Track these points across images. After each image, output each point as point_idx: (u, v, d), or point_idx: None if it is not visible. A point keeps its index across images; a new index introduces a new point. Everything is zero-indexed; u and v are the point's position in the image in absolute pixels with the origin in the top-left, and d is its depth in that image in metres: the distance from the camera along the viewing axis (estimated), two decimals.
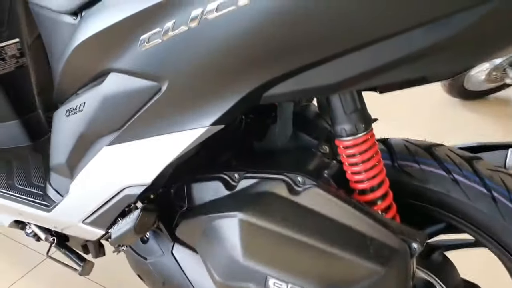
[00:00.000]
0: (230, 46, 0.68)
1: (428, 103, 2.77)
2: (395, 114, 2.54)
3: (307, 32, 0.64)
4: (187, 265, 0.96)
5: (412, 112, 2.65)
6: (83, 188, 0.97)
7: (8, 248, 1.70)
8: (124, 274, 1.32)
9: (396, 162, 0.89)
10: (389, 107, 2.61)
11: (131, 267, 1.04)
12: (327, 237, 0.74)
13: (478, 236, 0.87)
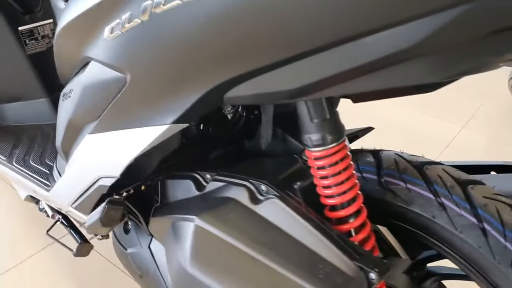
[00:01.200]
0: (180, 43, 0.64)
1: (494, 109, 2.55)
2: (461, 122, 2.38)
3: (257, 32, 0.59)
4: (162, 261, 0.94)
5: (480, 121, 2.46)
6: (71, 173, 0.98)
7: (34, 219, 1.78)
8: None
9: (383, 178, 0.81)
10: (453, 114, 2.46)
11: (116, 254, 1.05)
12: (277, 254, 0.69)
13: (466, 269, 0.77)
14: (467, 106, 2.54)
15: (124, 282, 1.54)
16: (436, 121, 2.41)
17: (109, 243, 1.10)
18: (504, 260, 0.71)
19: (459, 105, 2.53)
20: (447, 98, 2.58)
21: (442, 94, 2.71)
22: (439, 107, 2.51)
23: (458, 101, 2.56)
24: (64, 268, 1.60)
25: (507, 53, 0.51)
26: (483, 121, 2.44)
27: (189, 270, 0.73)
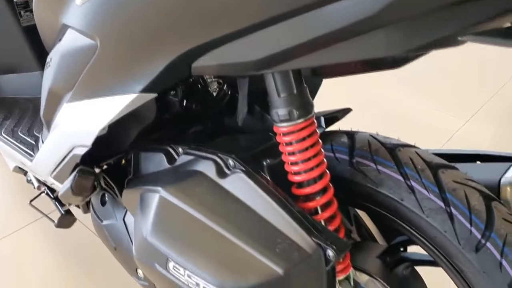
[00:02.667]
0: (144, 10, 0.64)
1: (501, 106, 2.50)
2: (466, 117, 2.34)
3: (217, 0, 0.58)
4: None
5: (485, 117, 2.41)
6: (50, 143, 0.99)
7: (23, 194, 1.79)
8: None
9: (354, 158, 0.79)
10: (458, 107, 2.42)
11: (93, 226, 1.05)
12: (236, 226, 0.68)
13: (433, 254, 0.76)
14: (473, 101, 2.49)
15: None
16: (439, 114, 2.37)
17: None
18: (468, 246, 0.70)
19: (464, 100, 2.49)
20: (453, 92, 2.54)
21: (447, 87, 2.68)
22: (444, 100, 2.48)
23: (464, 95, 2.52)
24: (52, 242, 1.62)
25: (465, 27, 0.50)
26: (488, 117, 2.40)
27: (149, 239, 0.73)
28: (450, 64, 2.77)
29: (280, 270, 0.64)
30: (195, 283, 0.68)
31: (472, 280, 0.72)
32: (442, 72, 2.69)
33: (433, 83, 2.62)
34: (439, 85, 2.61)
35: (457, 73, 2.69)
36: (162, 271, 0.72)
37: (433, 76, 2.66)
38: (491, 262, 0.69)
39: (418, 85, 2.58)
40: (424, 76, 2.64)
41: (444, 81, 2.64)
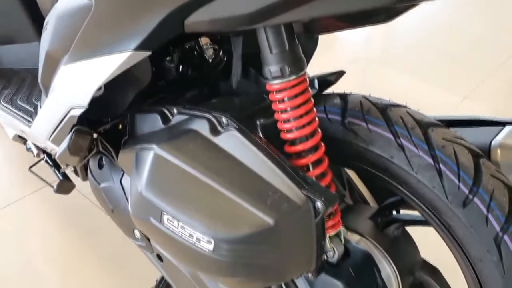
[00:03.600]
0: None
1: (500, 81, 2.50)
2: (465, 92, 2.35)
3: None
4: None
5: (484, 92, 2.41)
6: (48, 106, 1.00)
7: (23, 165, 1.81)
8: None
9: (346, 119, 0.81)
10: (458, 82, 2.42)
11: (91, 189, 1.07)
12: (228, 180, 0.70)
13: (421, 211, 0.77)
14: (471, 78, 2.49)
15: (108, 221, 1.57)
16: (436, 90, 2.38)
17: None
18: (456, 201, 0.71)
19: (462, 77, 2.49)
20: (450, 70, 2.54)
21: (445, 66, 2.67)
22: (441, 78, 2.48)
23: (462, 73, 2.52)
24: (52, 212, 1.65)
25: None
26: (487, 93, 2.40)
27: (144, 193, 0.74)
28: (446, 45, 2.77)
29: (270, 220, 0.66)
30: (188, 234, 0.70)
31: (459, 235, 0.73)
32: (438, 52, 2.69)
33: (429, 62, 2.62)
34: (435, 64, 2.61)
35: (453, 53, 2.68)
36: (157, 225, 0.74)
37: (429, 56, 2.67)
38: (478, 216, 0.70)
39: (413, 64, 2.58)
40: (420, 56, 2.65)
41: (440, 60, 2.64)
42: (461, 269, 0.78)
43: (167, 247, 0.79)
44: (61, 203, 1.68)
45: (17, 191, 1.71)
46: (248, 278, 0.71)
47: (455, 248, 0.76)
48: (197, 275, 0.87)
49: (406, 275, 0.90)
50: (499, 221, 0.70)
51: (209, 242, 0.68)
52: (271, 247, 0.68)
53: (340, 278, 0.80)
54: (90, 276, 1.43)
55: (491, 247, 0.70)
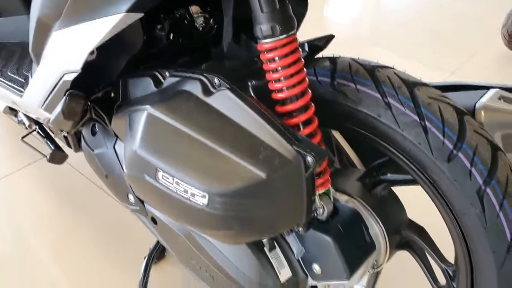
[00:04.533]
0: None
1: (485, 58, 2.54)
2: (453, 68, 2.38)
3: None
4: None
5: (471, 68, 2.45)
6: (40, 74, 1.00)
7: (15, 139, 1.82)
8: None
9: (335, 80, 0.83)
10: (446, 59, 2.45)
11: (84, 157, 1.09)
12: (221, 138, 0.72)
13: (407, 167, 0.80)
14: (459, 54, 2.52)
15: (101, 196, 1.59)
16: (425, 67, 2.40)
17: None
18: (440, 156, 0.74)
19: (451, 53, 2.52)
20: (440, 46, 2.57)
21: (435, 43, 2.68)
22: (429, 54, 2.51)
23: (451, 49, 2.55)
24: (45, 186, 1.65)
25: None
26: (474, 70, 2.43)
27: (138, 152, 0.76)
28: (436, 22, 2.79)
29: (262, 174, 0.68)
30: (183, 189, 0.72)
31: (444, 189, 0.76)
32: (427, 30, 2.71)
33: (418, 40, 2.65)
34: (424, 41, 2.64)
35: (442, 30, 2.71)
36: (152, 182, 0.76)
37: (419, 34, 2.69)
38: (462, 170, 0.73)
39: (402, 42, 2.60)
40: (409, 34, 2.67)
41: (429, 38, 2.67)
42: (446, 224, 0.81)
43: (162, 205, 0.81)
44: (53, 178, 1.69)
45: (8, 165, 1.72)
46: (241, 231, 0.74)
47: (440, 204, 0.79)
48: (191, 235, 0.89)
49: (393, 234, 0.93)
50: (482, 174, 0.73)
51: (204, 196, 0.70)
52: (263, 200, 0.70)
53: (329, 234, 0.82)
54: (83, 248, 1.45)
55: (474, 200, 0.73)
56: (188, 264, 0.95)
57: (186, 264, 0.96)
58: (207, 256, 0.88)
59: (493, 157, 0.74)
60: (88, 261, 1.41)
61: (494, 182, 0.73)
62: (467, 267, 0.82)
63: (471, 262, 0.80)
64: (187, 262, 0.95)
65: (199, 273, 0.94)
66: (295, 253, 0.86)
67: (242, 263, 0.85)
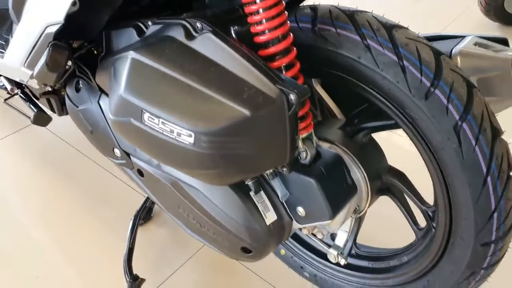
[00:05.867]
0: None
1: (463, 25, 2.57)
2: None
3: None
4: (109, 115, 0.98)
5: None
6: (22, 30, 1.00)
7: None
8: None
9: (316, 26, 0.84)
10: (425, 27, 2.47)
11: (69, 114, 1.09)
12: (205, 79, 0.73)
13: (388, 110, 0.82)
14: (438, 21, 2.55)
15: (86, 164, 1.60)
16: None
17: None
18: (418, 94, 0.76)
19: (429, 22, 2.55)
20: (419, 13, 2.59)
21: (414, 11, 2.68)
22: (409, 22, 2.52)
23: (428, 17, 2.58)
24: (30, 155, 1.65)
25: None
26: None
27: (123, 95, 0.77)
28: None
29: (246, 111, 0.70)
30: (169, 130, 0.73)
31: (422, 127, 0.79)
32: None
33: (397, 6, 2.66)
34: (403, 8, 2.66)
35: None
36: (138, 125, 0.77)
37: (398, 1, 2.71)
38: (439, 107, 0.76)
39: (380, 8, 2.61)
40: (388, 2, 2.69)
41: (408, 5, 2.69)
42: (425, 163, 0.84)
43: (148, 149, 0.82)
44: (39, 147, 1.68)
45: None
46: (226, 170, 0.76)
47: (419, 142, 0.82)
48: (178, 184, 0.91)
49: (374, 179, 0.96)
50: (458, 110, 0.76)
51: (190, 135, 0.72)
52: (247, 138, 0.72)
53: (312, 176, 0.85)
54: (69, 213, 1.46)
55: (451, 135, 0.76)
56: (175, 213, 0.97)
57: (173, 214, 0.98)
58: (194, 203, 0.90)
59: (469, 94, 0.77)
60: (74, 224, 1.42)
61: (470, 117, 0.76)
62: (445, 205, 0.85)
63: (449, 199, 0.83)
64: (174, 211, 0.97)
65: (186, 222, 0.96)
66: (280, 196, 0.89)
67: (229, 207, 0.87)
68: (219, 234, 0.91)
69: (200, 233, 0.95)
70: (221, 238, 0.91)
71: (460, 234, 0.84)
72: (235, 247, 0.90)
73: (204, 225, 0.92)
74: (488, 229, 0.81)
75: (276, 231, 0.90)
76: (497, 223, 0.80)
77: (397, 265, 1.03)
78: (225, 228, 0.89)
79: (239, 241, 0.89)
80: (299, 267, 1.20)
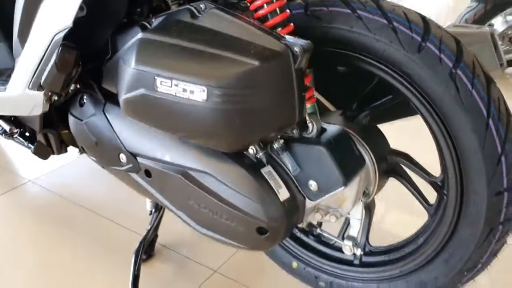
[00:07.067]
0: None
1: None
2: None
3: None
4: (116, 122, 1.00)
5: None
6: (28, 50, 1.04)
7: None
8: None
9: (308, 10, 0.91)
10: None
11: (72, 133, 1.10)
12: (214, 44, 0.78)
13: (386, 75, 0.87)
14: None
15: (82, 213, 1.56)
16: None
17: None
18: (411, 49, 0.82)
19: None
20: None
21: None
22: None
23: None
24: (21, 212, 1.61)
25: None
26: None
27: (134, 68, 0.81)
28: None
29: (255, 62, 0.74)
30: (182, 89, 0.76)
31: (418, 81, 0.83)
32: None
33: None
34: None
35: None
36: (150, 94, 0.79)
37: None
38: (432, 57, 0.81)
39: None
40: None
41: None
42: (428, 122, 0.87)
43: (161, 119, 0.83)
44: (28, 204, 1.65)
45: None
46: (239, 129, 0.77)
47: (418, 100, 0.86)
48: (189, 173, 0.91)
49: (380, 160, 0.98)
50: (450, 59, 0.81)
51: (203, 91, 0.75)
52: (257, 90, 0.75)
53: (322, 145, 0.87)
54: (69, 262, 1.40)
55: (449, 83, 0.80)
56: (185, 208, 0.95)
57: (183, 210, 0.96)
58: (206, 189, 0.90)
59: (458, 45, 0.83)
60: (76, 271, 1.35)
61: (462, 65, 0.81)
62: (454, 162, 0.87)
63: (457, 153, 0.85)
64: (184, 207, 0.95)
65: (197, 216, 0.94)
66: (290, 170, 0.89)
67: (242, 187, 0.87)
68: (233, 218, 0.89)
69: (212, 225, 0.93)
70: (235, 223, 0.90)
71: (472, 188, 0.85)
72: (250, 229, 0.89)
73: (217, 211, 0.90)
74: (499, 175, 0.82)
75: (291, 210, 0.89)
76: (506, 167, 0.82)
77: (414, 249, 1.01)
78: (239, 209, 0.88)
79: (254, 221, 0.87)
80: (313, 277, 1.16)
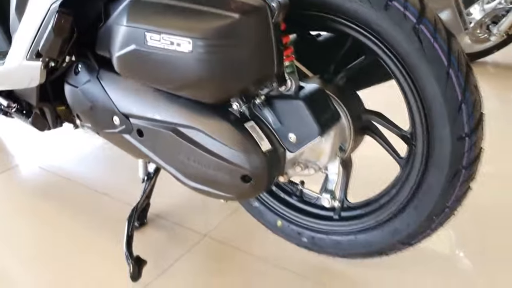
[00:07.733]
0: None
1: None
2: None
3: None
4: (109, 86, 1.08)
5: None
6: (25, 22, 1.11)
7: None
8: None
9: None
10: None
11: (68, 102, 1.17)
12: (197, 0, 0.86)
13: (355, 32, 0.95)
14: None
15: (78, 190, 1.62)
16: None
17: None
18: (378, 5, 0.90)
19: None
20: None
21: None
22: None
23: None
24: (19, 191, 1.67)
25: None
26: None
27: (126, 25, 0.89)
28: None
29: (235, 15, 0.82)
30: (169, 42, 0.84)
31: (387, 38, 0.91)
32: None
33: None
34: None
35: None
36: (141, 48, 0.87)
37: None
38: (398, 14, 0.89)
39: None
40: None
41: None
42: (395, 76, 0.96)
43: (150, 72, 0.91)
44: (26, 182, 1.71)
45: None
46: (222, 79, 0.85)
47: (388, 56, 0.94)
48: (178, 129, 0.98)
49: (355, 118, 1.06)
50: (414, 15, 0.89)
51: (188, 43, 0.82)
52: (238, 41, 0.83)
53: (299, 99, 0.95)
54: (66, 238, 1.45)
55: (412, 36, 0.89)
56: (175, 163, 1.03)
57: (173, 166, 1.04)
58: (196, 144, 0.97)
59: (421, 3, 0.91)
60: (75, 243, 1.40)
61: (425, 20, 0.89)
62: (420, 111, 0.95)
63: (422, 102, 0.93)
64: (174, 162, 1.03)
65: (186, 169, 1.02)
66: (272, 124, 0.97)
67: (228, 139, 0.95)
68: (220, 168, 0.97)
69: (201, 178, 1.01)
70: (221, 173, 0.97)
71: (438, 134, 0.93)
72: (235, 177, 0.96)
73: (205, 163, 0.98)
74: (460, 121, 0.91)
75: (272, 159, 0.97)
76: (466, 114, 0.90)
77: (388, 201, 1.09)
78: (225, 160, 0.95)
79: (239, 169, 0.95)
80: (296, 234, 1.23)
